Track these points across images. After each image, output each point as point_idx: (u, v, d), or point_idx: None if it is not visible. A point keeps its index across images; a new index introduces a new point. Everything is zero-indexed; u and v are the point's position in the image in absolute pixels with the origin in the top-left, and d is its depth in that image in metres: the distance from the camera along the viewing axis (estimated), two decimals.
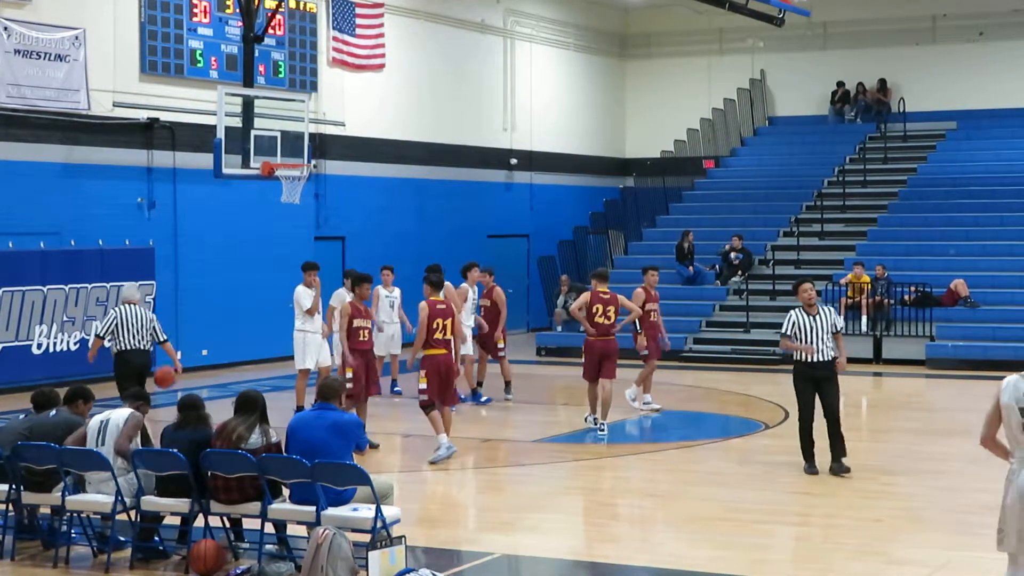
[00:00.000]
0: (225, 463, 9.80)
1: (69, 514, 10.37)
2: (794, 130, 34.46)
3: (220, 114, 17.92)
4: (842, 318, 13.79)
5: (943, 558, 10.46)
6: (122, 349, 15.41)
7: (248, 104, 18.32)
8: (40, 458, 10.27)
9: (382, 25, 26.92)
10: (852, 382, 22.75)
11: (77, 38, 20.86)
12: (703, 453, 15.63)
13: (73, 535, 10.46)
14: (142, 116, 22.04)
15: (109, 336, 15.43)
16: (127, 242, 21.88)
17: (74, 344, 20.78)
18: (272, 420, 10.20)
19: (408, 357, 15.16)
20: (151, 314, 16.09)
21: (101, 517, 10.44)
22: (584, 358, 16.77)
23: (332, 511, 9.56)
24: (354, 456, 9.95)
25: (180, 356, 22.52)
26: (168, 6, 22.35)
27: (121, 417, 10.34)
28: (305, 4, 25.16)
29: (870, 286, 25.10)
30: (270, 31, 21.66)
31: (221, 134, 17.82)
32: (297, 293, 17.56)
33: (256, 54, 19.93)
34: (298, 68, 24.88)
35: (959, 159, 31.16)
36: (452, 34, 29.26)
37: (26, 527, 10.68)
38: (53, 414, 10.69)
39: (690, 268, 27.75)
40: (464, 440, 16.09)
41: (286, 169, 18.66)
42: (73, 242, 21.07)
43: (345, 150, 26.23)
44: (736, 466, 14.81)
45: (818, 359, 13.56)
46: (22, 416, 11.11)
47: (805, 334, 13.53)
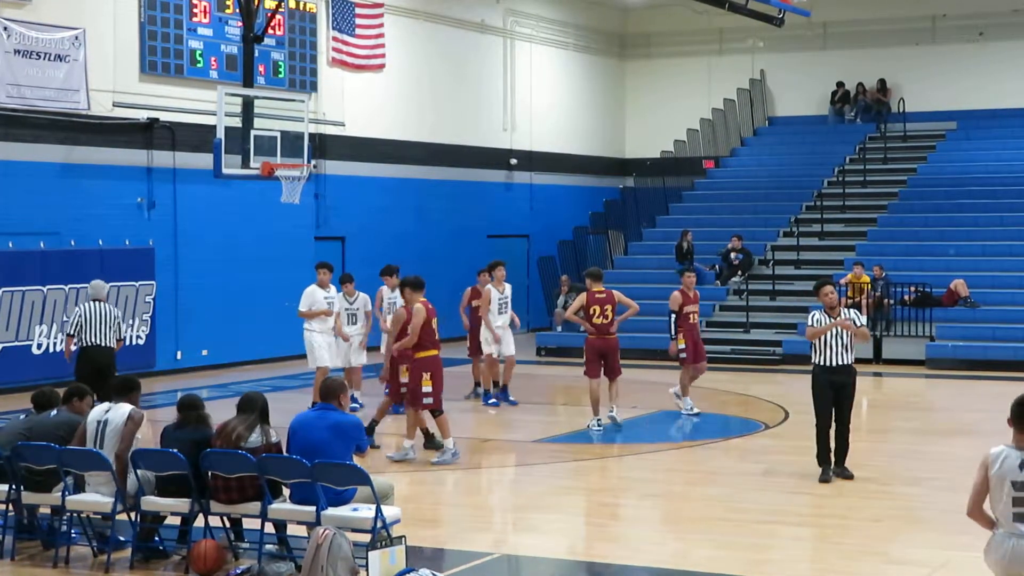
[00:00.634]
0: (225, 463, 9.80)
1: (69, 514, 10.37)
2: (794, 130, 34.46)
3: (220, 114, 17.92)
4: (864, 319, 13.67)
5: (942, 558, 10.46)
6: (84, 346, 15.62)
7: (248, 104, 18.32)
8: (40, 458, 10.27)
9: (382, 25, 26.92)
10: None
11: (77, 38, 20.86)
12: (703, 453, 15.63)
13: (73, 535, 10.46)
14: (142, 116, 22.04)
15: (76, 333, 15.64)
16: (127, 242, 21.88)
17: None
18: (274, 420, 10.20)
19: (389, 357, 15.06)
20: (116, 311, 16.27)
21: (101, 517, 10.43)
22: (585, 356, 16.85)
23: (332, 511, 9.56)
24: (354, 457, 9.96)
25: (180, 356, 22.63)
26: (168, 6, 22.35)
27: (120, 417, 10.29)
28: (305, 4, 25.17)
29: (870, 286, 25.10)
30: (270, 31, 21.66)
31: (221, 134, 17.82)
32: (304, 293, 17.44)
33: (256, 54, 19.94)
34: (298, 68, 24.89)
35: (959, 159, 31.16)
36: (452, 34, 29.26)
37: (26, 527, 10.68)
38: (54, 414, 10.69)
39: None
40: (464, 440, 16.09)
41: (286, 169, 18.66)
42: (73, 242, 21.07)
43: (345, 150, 26.24)
44: (736, 466, 14.81)
45: (838, 363, 13.47)
46: (22, 416, 11.11)
47: (826, 337, 13.43)
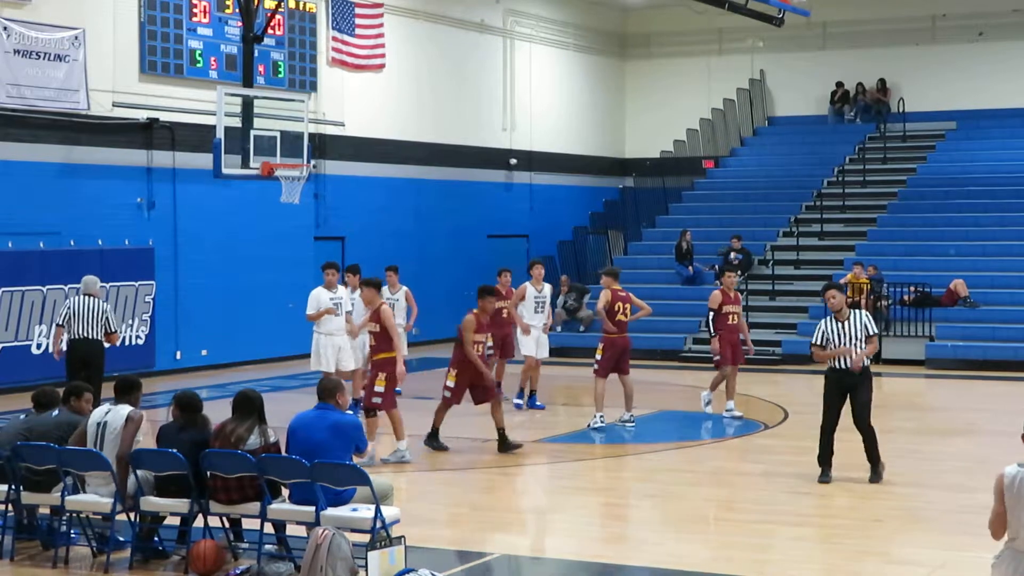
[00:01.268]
0: (225, 463, 9.79)
1: (68, 514, 10.37)
2: (794, 130, 34.47)
3: (220, 114, 17.92)
4: (871, 321, 13.24)
5: (942, 558, 10.46)
6: (71, 338, 16.03)
7: (248, 104, 18.32)
8: (40, 458, 10.27)
9: (382, 25, 26.92)
10: None
11: (77, 38, 20.86)
12: (702, 453, 15.63)
13: (72, 535, 10.46)
14: (142, 116, 22.04)
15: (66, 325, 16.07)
16: (127, 242, 21.88)
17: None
18: (274, 420, 10.19)
19: (401, 364, 14.93)
20: (105, 305, 16.44)
21: (101, 517, 10.43)
22: (602, 355, 16.82)
23: (331, 511, 9.56)
24: (354, 457, 9.95)
25: (180, 356, 22.61)
26: (168, 6, 22.35)
27: (118, 419, 10.29)
28: (305, 4, 25.16)
29: (869, 286, 25.10)
30: (270, 31, 21.65)
31: (221, 134, 17.82)
32: (310, 296, 17.32)
33: (256, 54, 19.94)
34: (297, 68, 24.88)
35: (958, 159, 31.17)
36: (452, 34, 29.26)
37: (26, 527, 10.67)
38: (55, 414, 10.68)
39: (689, 268, 27.76)
40: (464, 440, 16.10)
41: (286, 169, 18.66)
42: (73, 242, 21.06)
43: (344, 150, 26.23)
44: (735, 466, 14.81)
45: (848, 365, 13.16)
46: (22, 416, 11.10)
47: (835, 343, 13.15)
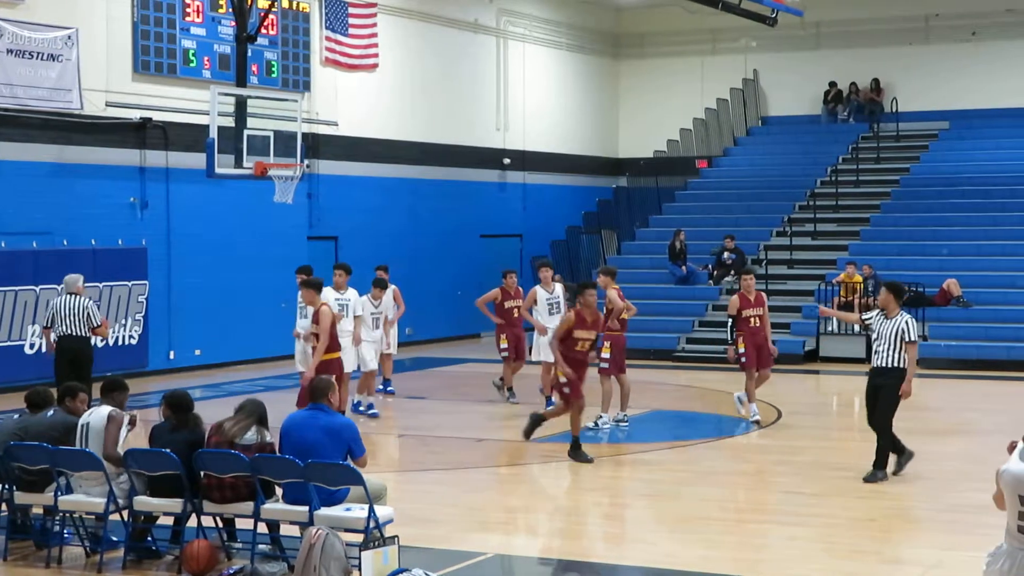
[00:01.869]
0: (218, 463, 9.79)
1: (62, 514, 10.36)
2: (787, 130, 34.49)
3: (213, 114, 17.90)
4: (913, 329, 13.49)
5: (936, 557, 10.47)
6: (58, 336, 16.37)
7: (241, 104, 18.29)
8: (33, 458, 10.26)
9: (375, 25, 26.90)
10: (846, 381, 22.83)
11: (70, 38, 20.83)
12: (696, 453, 15.63)
13: (66, 535, 10.45)
14: (135, 116, 22.02)
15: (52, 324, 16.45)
16: (120, 242, 21.85)
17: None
18: (270, 420, 10.19)
19: (312, 365, 14.84)
20: (86, 302, 16.52)
21: (94, 517, 10.42)
22: (610, 353, 16.87)
23: (325, 511, 9.55)
24: (354, 462, 9.86)
25: (173, 356, 22.56)
26: (161, 6, 22.31)
27: (100, 420, 10.29)
28: (298, 4, 25.14)
29: (862, 286, 25.13)
30: (263, 31, 21.63)
31: (214, 134, 17.79)
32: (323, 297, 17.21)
33: (249, 54, 19.90)
34: (291, 68, 24.86)
35: (952, 159, 31.20)
36: (445, 34, 29.25)
37: (19, 527, 10.66)
38: (50, 414, 10.67)
39: (683, 268, 27.77)
40: (460, 440, 16.10)
41: (279, 169, 18.64)
42: (66, 242, 21.03)
43: (338, 150, 26.22)
44: (729, 466, 14.82)
45: (877, 364, 13.42)
46: (16, 416, 11.09)
47: (875, 335, 13.58)
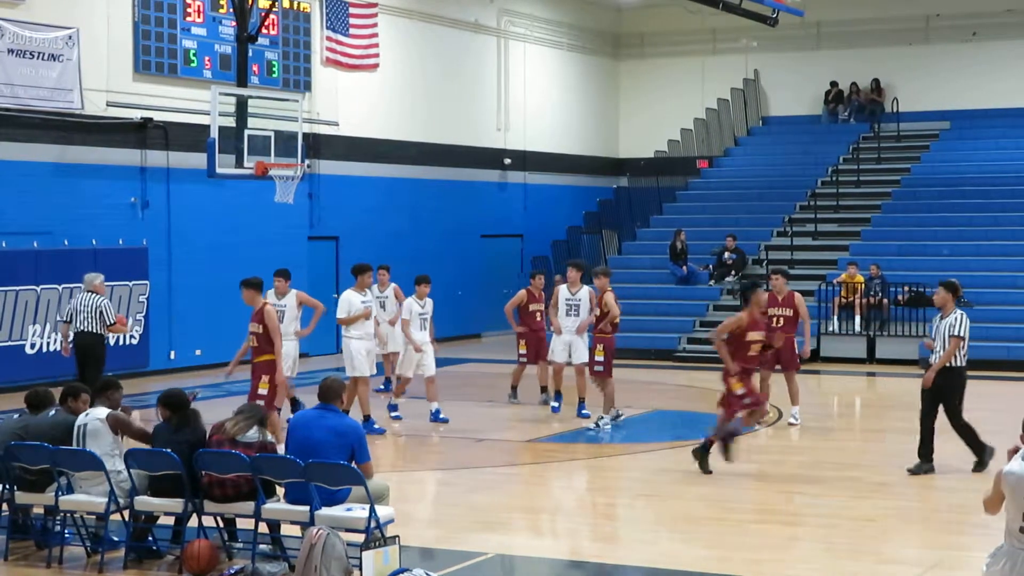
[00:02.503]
0: (220, 463, 9.79)
1: (63, 514, 10.37)
2: (788, 130, 34.48)
3: (214, 114, 17.90)
4: (961, 325, 13.54)
5: (935, 557, 10.48)
6: (74, 333, 16.98)
7: (242, 104, 18.30)
8: (34, 458, 10.27)
9: (376, 25, 26.91)
10: (846, 382, 22.85)
11: (71, 38, 20.84)
12: None
13: (66, 535, 10.45)
14: (136, 116, 22.02)
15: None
16: (120, 242, 21.86)
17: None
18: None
19: (283, 368, 15.02)
20: (100, 300, 16.90)
21: (95, 517, 10.43)
22: (606, 356, 16.85)
23: (326, 511, 9.56)
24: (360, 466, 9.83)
25: (174, 356, 22.53)
26: (162, 6, 22.33)
27: (95, 421, 10.33)
28: (299, 4, 25.15)
29: (863, 286, 25.13)
30: (264, 31, 21.63)
31: (215, 134, 17.80)
32: (343, 299, 16.87)
33: (250, 54, 19.90)
34: (292, 68, 24.87)
35: (952, 159, 31.20)
36: (446, 34, 29.25)
37: (20, 527, 10.67)
38: (52, 414, 10.68)
39: (684, 268, 27.77)
40: (459, 440, 16.11)
41: (280, 169, 18.63)
42: (66, 242, 21.04)
43: (339, 150, 26.22)
44: (729, 466, 14.81)
45: (934, 362, 13.56)
46: (16, 416, 11.10)
47: (932, 337, 13.74)
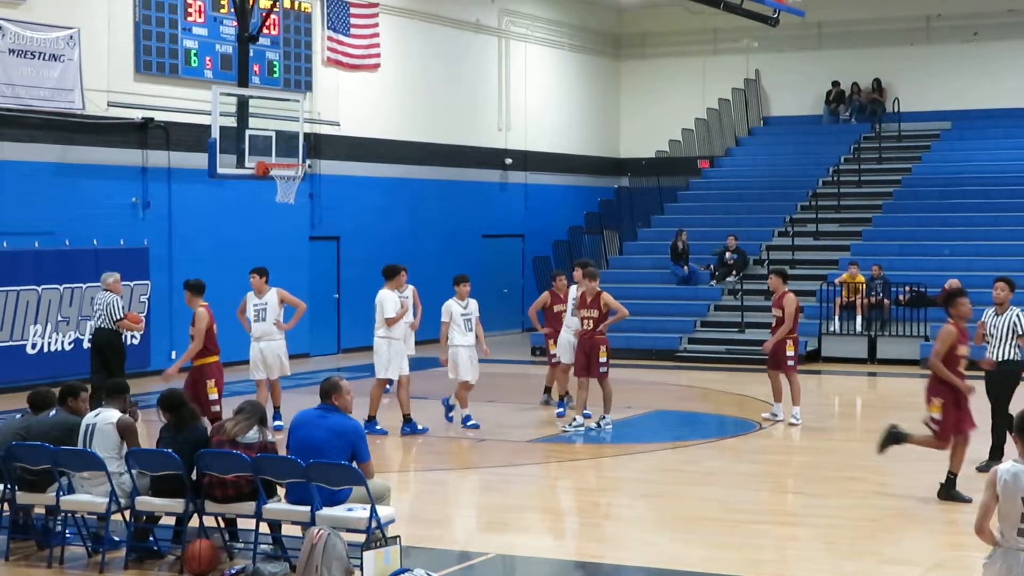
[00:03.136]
0: (221, 463, 9.80)
1: (64, 514, 10.37)
2: (789, 130, 34.49)
3: (215, 114, 17.90)
4: (1021, 323, 13.66)
5: (936, 558, 10.48)
6: (92, 330, 17.50)
7: (243, 104, 18.30)
8: (35, 458, 10.28)
9: (377, 25, 26.92)
10: (847, 382, 22.84)
11: (72, 38, 20.85)
12: (697, 453, 15.63)
13: (67, 535, 10.46)
14: (137, 116, 22.03)
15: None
16: (122, 242, 21.86)
17: (68, 344, 20.78)
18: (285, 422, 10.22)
19: (176, 365, 15.24)
20: (111, 297, 17.13)
21: (96, 517, 10.43)
22: (606, 356, 16.70)
23: (327, 511, 9.56)
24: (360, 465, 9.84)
25: (175, 356, 22.47)
26: (163, 6, 22.34)
27: (106, 423, 10.33)
28: (300, 4, 25.16)
29: (865, 286, 25.13)
30: (265, 31, 21.63)
31: (216, 134, 17.80)
32: (383, 298, 16.56)
33: (251, 54, 19.91)
34: (293, 68, 24.88)
35: (954, 159, 31.20)
36: (447, 34, 29.26)
37: (21, 527, 10.68)
38: (52, 414, 10.69)
39: (685, 268, 27.77)
40: (460, 440, 16.10)
41: (281, 169, 18.63)
42: (68, 242, 21.05)
43: (340, 150, 26.23)
44: (730, 466, 14.82)
45: (998, 358, 13.61)
46: (18, 416, 11.11)
47: (989, 333, 13.74)
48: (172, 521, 10.30)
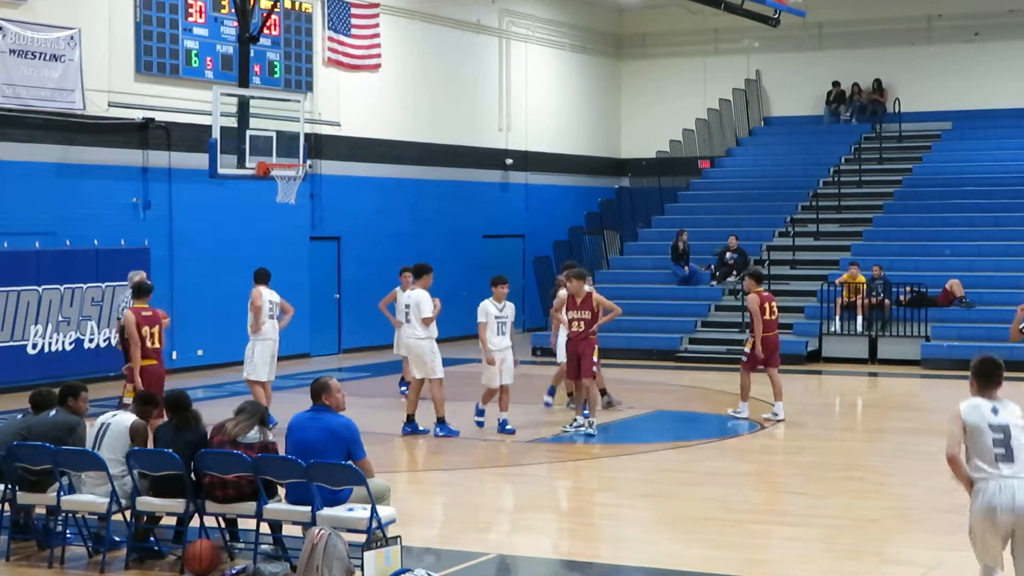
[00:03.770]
0: (221, 463, 9.80)
1: (64, 514, 10.38)
2: (789, 130, 34.48)
3: (215, 114, 17.91)
4: None
5: (937, 558, 10.48)
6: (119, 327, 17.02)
7: (243, 104, 18.30)
8: (36, 458, 10.28)
9: (377, 25, 26.92)
10: (848, 382, 22.83)
11: (72, 38, 20.85)
12: (698, 453, 15.63)
13: (68, 535, 10.46)
14: (137, 116, 22.04)
15: None
16: (122, 242, 21.87)
17: (69, 344, 20.78)
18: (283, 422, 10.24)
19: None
20: (123, 298, 17.07)
21: (97, 517, 10.44)
22: (598, 357, 16.59)
23: (328, 511, 9.57)
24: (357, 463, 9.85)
25: (175, 356, 22.51)
26: (163, 6, 22.34)
27: (122, 425, 10.36)
28: (300, 4, 25.16)
29: (866, 286, 25.13)
30: (265, 31, 21.63)
31: (216, 134, 17.81)
32: (421, 298, 16.34)
33: (251, 54, 19.90)
34: (293, 68, 24.88)
35: (954, 159, 31.19)
36: (447, 34, 29.26)
37: (21, 527, 10.68)
38: (53, 414, 10.70)
39: (685, 268, 27.77)
40: (462, 440, 16.10)
41: (281, 169, 18.64)
42: (68, 242, 21.05)
43: (341, 150, 26.23)
44: (731, 466, 14.82)
45: None
46: (19, 416, 11.11)
47: None
48: (173, 521, 10.31)
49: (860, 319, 24.97)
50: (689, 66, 34.76)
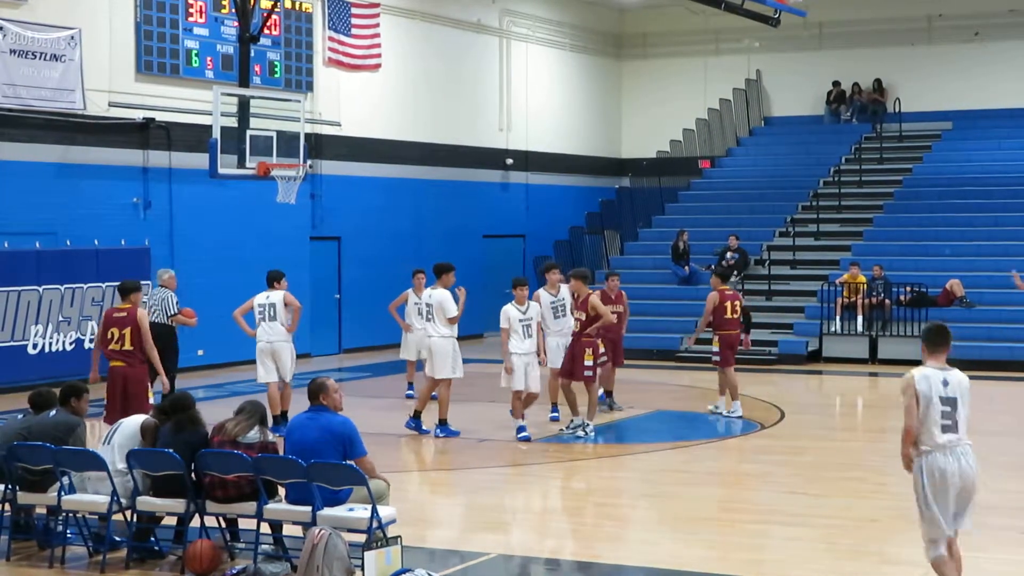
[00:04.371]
0: (221, 463, 9.81)
1: (65, 514, 10.38)
2: (790, 130, 34.48)
3: (216, 114, 17.92)
4: None
5: None
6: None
7: (244, 104, 18.32)
8: (36, 458, 10.29)
9: (378, 25, 26.92)
10: (848, 382, 22.83)
11: (73, 38, 20.86)
12: (698, 453, 15.63)
13: (69, 535, 10.47)
14: (138, 116, 22.04)
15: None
16: (123, 242, 21.87)
17: (70, 344, 20.77)
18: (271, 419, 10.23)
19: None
20: (164, 293, 17.39)
21: (98, 517, 10.44)
22: (594, 360, 16.47)
23: (328, 511, 9.57)
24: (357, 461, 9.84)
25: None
26: (164, 6, 22.34)
27: (134, 423, 10.42)
28: (301, 4, 25.16)
29: (866, 286, 25.13)
30: (266, 31, 21.65)
31: (217, 134, 17.82)
32: (444, 297, 16.15)
33: (252, 54, 19.94)
34: (294, 68, 24.88)
35: (955, 159, 31.19)
36: (448, 34, 29.26)
37: (22, 527, 10.68)
38: (53, 414, 10.70)
39: (686, 268, 27.76)
40: (463, 440, 16.10)
41: (282, 169, 18.65)
42: (69, 242, 21.06)
43: (341, 150, 26.23)
44: (732, 466, 14.82)
45: None
46: (20, 416, 11.12)
47: None
48: (173, 521, 10.32)
49: (860, 319, 24.97)
50: (689, 66, 34.76)
